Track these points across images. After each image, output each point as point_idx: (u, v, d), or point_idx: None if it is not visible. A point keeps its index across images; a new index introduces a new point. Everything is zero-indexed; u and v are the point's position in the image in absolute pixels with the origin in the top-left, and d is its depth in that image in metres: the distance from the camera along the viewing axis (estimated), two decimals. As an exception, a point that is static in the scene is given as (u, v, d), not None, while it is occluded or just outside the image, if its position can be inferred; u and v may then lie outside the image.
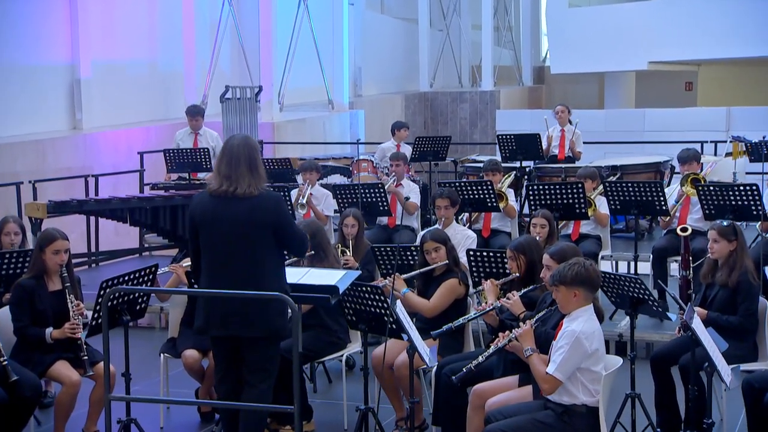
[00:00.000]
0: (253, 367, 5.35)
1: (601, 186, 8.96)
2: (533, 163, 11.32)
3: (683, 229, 6.05)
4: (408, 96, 23.04)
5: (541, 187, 8.65)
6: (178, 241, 9.48)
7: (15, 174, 12.41)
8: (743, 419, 5.89)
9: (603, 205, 8.83)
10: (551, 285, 5.05)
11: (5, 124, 13.68)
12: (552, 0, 24.21)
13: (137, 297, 5.82)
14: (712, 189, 8.05)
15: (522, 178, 11.08)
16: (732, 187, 8.02)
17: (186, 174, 11.34)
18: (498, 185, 9.50)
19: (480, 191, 8.93)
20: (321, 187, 9.99)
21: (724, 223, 6.20)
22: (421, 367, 5.98)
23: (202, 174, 11.21)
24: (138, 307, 5.88)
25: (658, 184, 8.29)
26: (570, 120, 12.05)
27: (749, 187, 7.92)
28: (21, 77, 14.00)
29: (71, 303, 5.99)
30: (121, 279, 5.73)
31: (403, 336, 5.51)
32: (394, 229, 9.71)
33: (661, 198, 8.24)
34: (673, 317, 6.06)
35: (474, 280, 6.89)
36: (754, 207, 7.88)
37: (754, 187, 7.91)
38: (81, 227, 11.52)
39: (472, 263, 6.91)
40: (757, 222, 8.21)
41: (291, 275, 5.51)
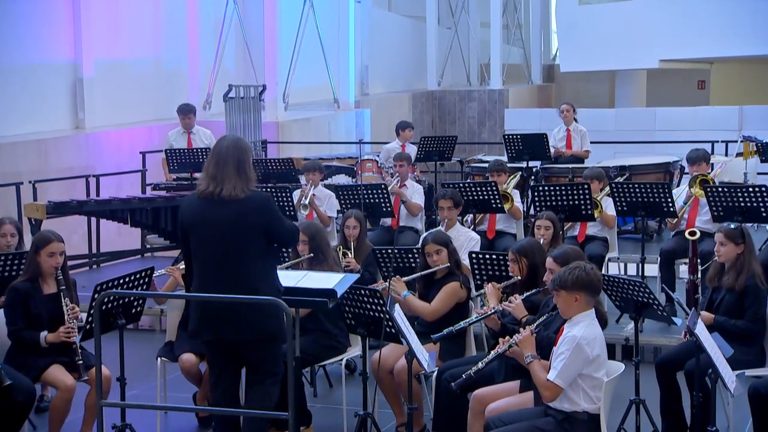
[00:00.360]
0: (256, 370, 5.34)
1: (608, 187, 8.90)
2: (540, 164, 11.25)
3: (691, 233, 6.00)
4: (415, 95, 23.01)
5: (547, 188, 8.61)
6: (179, 242, 9.45)
7: (17, 174, 12.42)
8: (750, 426, 5.83)
9: (610, 207, 8.78)
10: (552, 289, 5.01)
11: (7, 123, 13.69)
12: (562, -3, 24.22)
13: (133, 300, 5.80)
14: (720, 190, 7.99)
15: (528, 178, 11.03)
16: (741, 188, 7.96)
17: (186, 174, 11.31)
18: (503, 186, 9.45)
19: (484, 192, 8.89)
20: (324, 188, 9.96)
21: (731, 226, 6.15)
22: (421, 372, 5.93)
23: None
24: (134, 311, 5.85)
25: (665, 185, 8.23)
26: (575, 118, 12.00)
27: (759, 188, 7.85)
28: (23, 76, 14.02)
29: (66, 306, 5.96)
30: (116, 282, 5.70)
31: (403, 341, 5.47)
32: (397, 231, 9.67)
33: (669, 199, 8.18)
34: (679, 322, 6.01)
35: (476, 283, 6.85)
36: (763, 208, 7.82)
37: (763, 188, 7.84)
38: (83, 228, 11.53)
39: (474, 266, 6.87)
40: (767, 223, 8.15)
41: (289, 278, 5.47)
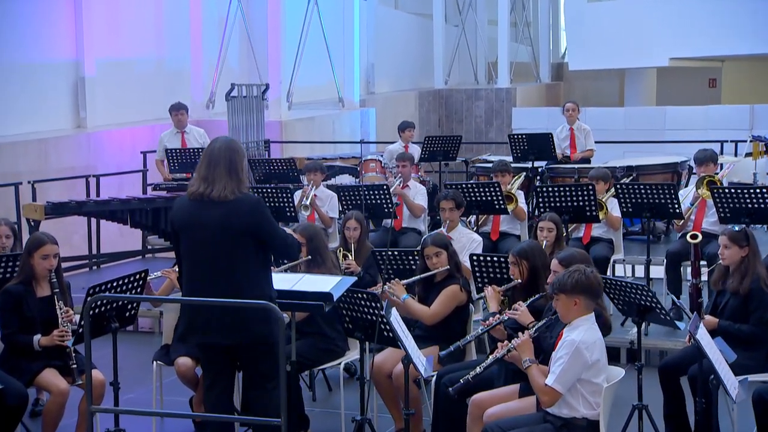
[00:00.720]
0: (251, 374, 5.31)
1: (613, 188, 8.85)
2: (545, 164, 11.20)
3: (693, 236, 5.96)
4: (422, 93, 22.97)
5: (551, 189, 8.56)
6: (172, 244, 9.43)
7: (17, 174, 12.41)
8: (755, 432, 5.79)
9: (615, 208, 8.73)
10: (551, 293, 4.97)
11: (7, 122, 13.70)
12: (570, -6, 24.15)
13: (127, 303, 5.77)
14: (727, 191, 7.94)
15: (534, 178, 10.98)
16: (748, 190, 7.90)
17: (185, 174, 11.29)
18: (507, 186, 9.41)
19: (487, 193, 8.84)
20: (326, 188, 9.93)
21: (735, 228, 6.10)
22: (418, 377, 5.89)
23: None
24: (128, 314, 5.83)
25: (670, 186, 8.18)
26: (578, 118, 11.94)
27: (766, 190, 7.80)
28: (24, 75, 14.02)
29: (60, 309, 5.94)
30: (109, 285, 5.68)
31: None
32: (400, 232, 9.63)
33: (674, 200, 8.13)
34: (683, 326, 5.96)
35: (478, 285, 6.81)
36: (771, 210, 7.77)
37: (770, 189, 7.80)
38: (84, 229, 11.51)
39: (475, 268, 6.83)
40: (775, 225, 8.10)
41: (285, 281, 5.45)
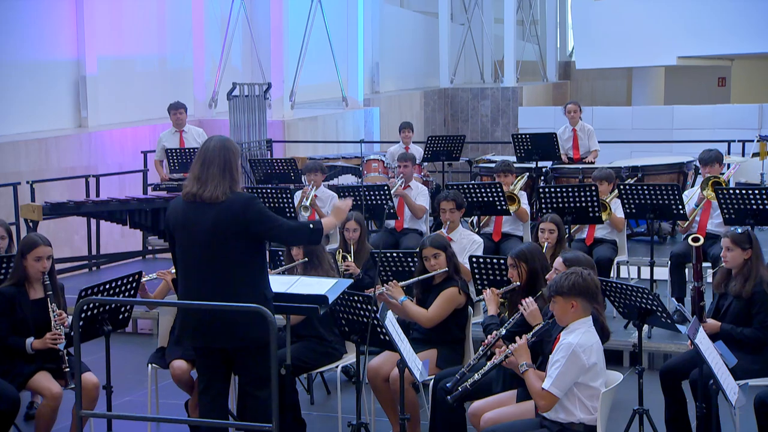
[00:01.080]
0: (248, 378, 5.29)
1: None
2: (550, 164, 11.15)
3: (695, 239, 5.91)
4: (427, 92, 22.94)
5: (553, 190, 8.52)
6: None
7: (17, 173, 12.41)
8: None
9: (619, 209, 8.69)
10: (548, 295, 4.94)
11: (8, 121, 13.70)
12: (578, -8, 24.06)
13: (120, 306, 5.75)
14: (732, 192, 7.90)
15: (538, 179, 10.94)
16: (753, 191, 7.86)
17: (184, 174, 11.26)
18: (510, 187, 9.37)
19: (489, 194, 8.81)
20: (326, 189, 9.90)
21: (738, 230, 6.06)
22: (418, 381, 5.85)
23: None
24: (121, 317, 5.80)
25: (674, 186, 8.13)
26: (581, 118, 11.89)
27: (771, 191, 7.76)
28: (24, 73, 14.03)
29: (53, 312, 5.91)
30: (102, 287, 5.65)
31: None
32: (401, 233, 9.60)
33: (678, 201, 8.08)
34: (684, 329, 5.91)
35: (477, 287, 6.78)
36: (776, 211, 7.73)
37: (776, 190, 7.75)
38: (84, 229, 11.49)
39: (475, 270, 6.80)
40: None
41: (280, 284, 5.41)
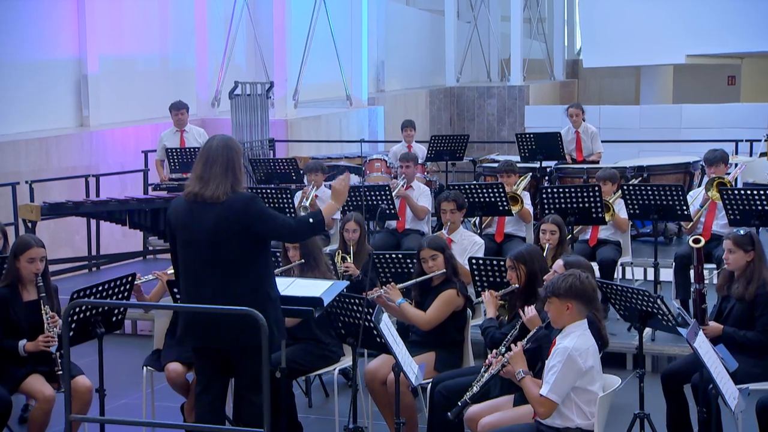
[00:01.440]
0: (243, 381, 5.26)
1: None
2: (554, 164, 11.10)
3: (696, 240, 5.88)
4: (433, 91, 22.92)
5: (556, 190, 8.48)
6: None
7: (18, 173, 12.41)
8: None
9: (623, 210, 8.65)
10: (543, 296, 4.90)
11: (9, 121, 13.69)
12: (585, -11, 23.99)
13: (113, 308, 5.72)
14: (737, 193, 7.87)
15: (542, 179, 10.89)
16: (758, 191, 7.81)
17: (184, 174, 11.25)
18: (513, 187, 9.33)
19: (491, 194, 8.76)
20: (327, 189, 9.86)
21: (740, 232, 6.01)
22: (413, 385, 5.82)
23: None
24: (114, 319, 5.78)
25: (678, 187, 8.09)
26: (584, 118, 11.83)
27: (777, 191, 7.72)
28: (25, 72, 14.01)
29: (46, 314, 5.89)
30: (95, 289, 5.63)
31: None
32: (403, 234, 9.56)
33: (683, 202, 8.04)
34: (685, 332, 5.87)
35: (477, 289, 6.74)
36: (782, 212, 7.68)
37: (781, 191, 7.71)
38: (85, 229, 11.47)
39: (474, 271, 6.76)
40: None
41: (275, 286, 5.39)
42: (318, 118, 17.30)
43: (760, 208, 7.71)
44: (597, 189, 8.38)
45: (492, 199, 8.79)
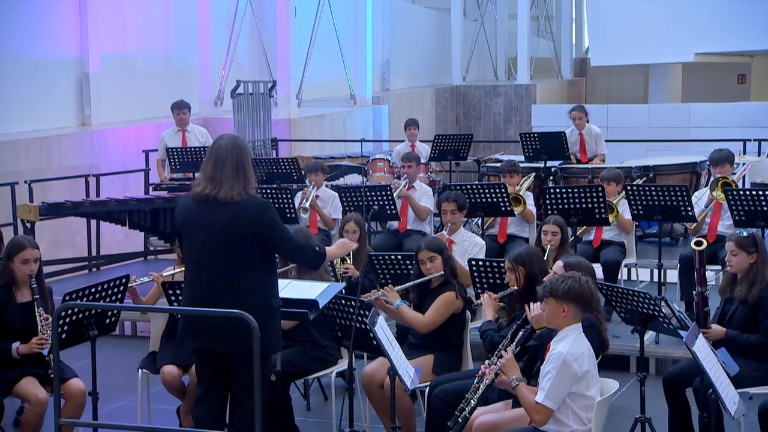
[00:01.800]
0: (240, 385, 5.24)
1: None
2: (559, 164, 11.05)
3: (698, 243, 5.85)
4: (439, 90, 22.87)
5: (559, 191, 8.44)
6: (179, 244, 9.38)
7: (18, 173, 12.40)
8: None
9: (627, 211, 8.61)
10: (540, 295, 4.86)
11: (9, 120, 13.69)
12: (593, -13, 23.91)
13: (106, 310, 5.70)
14: (742, 194, 7.83)
15: (547, 179, 10.85)
16: (764, 192, 7.77)
17: (184, 174, 11.24)
18: (516, 188, 9.30)
19: (493, 194, 8.73)
20: (328, 189, 9.85)
21: (743, 234, 5.97)
22: (408, 389, 5.79)
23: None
24: (108, 321, 5.76)
25: (682, 187, 8.05)
26: (587, 120, 11.78)
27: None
28: (26, 71, 14.01)
29: (40, 316, 5.88)
30: (87, 291, 5.61)
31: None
32: (405, 234, 9.53)
33: (687, 203, 8.00)
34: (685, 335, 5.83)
35: (477, 291, 6.71)
36: (788, 213, 7.63)
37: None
38: (85, 230, 11.47)
39: (474, 273, 6.73)
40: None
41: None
42: (321, 117, 17.27)
43: (765, 209, 7.66)
44: (600, 189, 8.34)
45: (494, 200, 8.75)
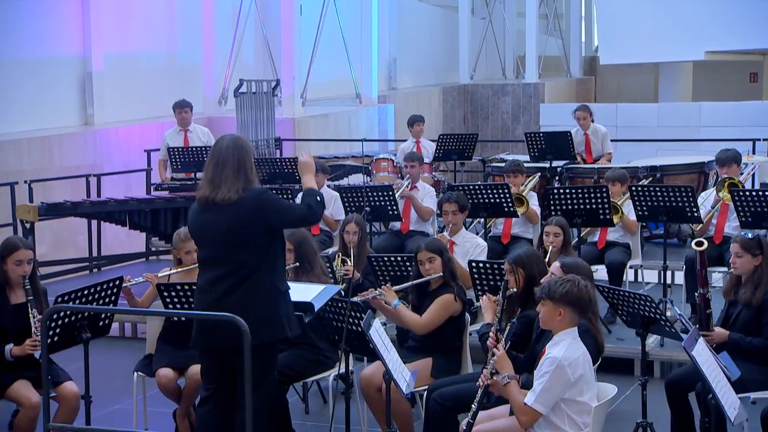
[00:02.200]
0: (239, 388, 5.21)
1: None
2: (564, 164, 11.00)
3: (699, 243, 5.80)
4: (446, 89, 22.82)
5: (563, 191, 8.39)
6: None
7: (20, 172, 12.40)
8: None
9: (632, 211, 8.56)
10: (538, 296, 4.83)
11: (11, 119, 13.70)
12: (603, -15, 23.82)
13: (99, 312, 5.68)
14: (748, 194, 7.78)
15: (552, 179, 10.80)
16: (769, 193, 7.73)
17: (186, 174, 11.23)
18: (520, 188, 9.25)
19: (496, 195, 8.68)
20: (330, 189, 9.82)
21: (748, 235, 5.92)
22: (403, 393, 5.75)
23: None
24: (101, 323, 5.74)
25: (688, 188, 8.00)
26: (592, 120, 11.72)
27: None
28: (29, 70, 14.02)
29: (34, 318, 5.86)
30: (80, 293, 5.59)
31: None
32: (407, 235, 9.49)
33: (693, 203, 7.95)
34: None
35: (477, 293, 6.68)
36: (795, 214, 7.58)
37: (794, 193, 7.61)
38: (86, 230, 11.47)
39: (474, 275, 6.69)
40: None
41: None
42: (326, 116, 17.23)
43: (772, 209, 7.61)
44: (605, 190, 8.29)
45: (497, 200, 8.71)
